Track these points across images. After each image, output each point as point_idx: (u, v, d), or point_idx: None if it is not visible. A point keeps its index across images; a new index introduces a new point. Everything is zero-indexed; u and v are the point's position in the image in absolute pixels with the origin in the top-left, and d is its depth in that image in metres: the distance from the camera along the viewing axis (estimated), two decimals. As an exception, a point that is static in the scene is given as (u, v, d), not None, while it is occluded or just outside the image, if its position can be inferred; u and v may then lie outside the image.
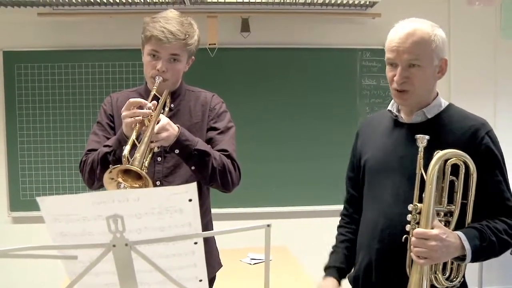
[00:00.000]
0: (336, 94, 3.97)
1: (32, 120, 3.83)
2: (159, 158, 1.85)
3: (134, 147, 1.60)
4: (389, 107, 1.70)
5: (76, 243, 1.08)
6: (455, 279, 1.52)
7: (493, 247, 1.47)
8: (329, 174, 3.85)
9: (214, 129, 1.88)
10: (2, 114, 3.82)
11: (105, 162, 1.73)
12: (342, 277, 1.76)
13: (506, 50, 4.04)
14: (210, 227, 1.98)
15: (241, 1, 3.72)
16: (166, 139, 1.66)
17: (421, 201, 1.48)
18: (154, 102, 1.71)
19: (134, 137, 1.61)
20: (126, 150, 1.57)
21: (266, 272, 1.14)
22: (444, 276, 1.51)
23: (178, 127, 1.71)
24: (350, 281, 1.76)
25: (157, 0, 3.67)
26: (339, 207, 1.92)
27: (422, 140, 1.49)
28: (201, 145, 1.74)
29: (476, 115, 1.61)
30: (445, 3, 4.01)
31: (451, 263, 1.51)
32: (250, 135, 3.76)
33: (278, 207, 3.91)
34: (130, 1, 3.67)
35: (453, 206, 1.50)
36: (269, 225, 1.09)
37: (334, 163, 3.59)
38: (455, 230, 1.47)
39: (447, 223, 1.49)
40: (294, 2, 3.76)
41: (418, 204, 1.48)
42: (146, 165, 1.59)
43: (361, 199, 1.78)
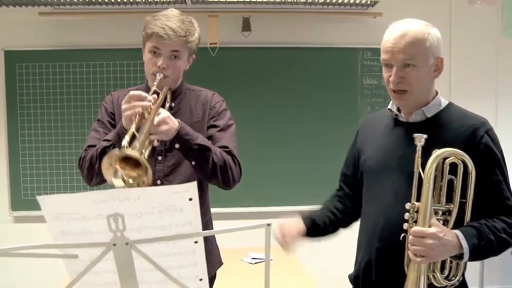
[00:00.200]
0: (337, 93, 3.96)
1: (33, 119, 3.83)
2: (160, 157, 1.84)
3: (133, 140, 1.56)
4: (389, 106, 1.70)
5: (76, 242, 1.08)
6: (454, 278, 1.52)
7: (491, 246, 1.46)
8: (329, 174, 3.78)
9: (215, 126, 1.88)
10: (4, 113, 3.83)
11: (104, 156, 1.72)
12: (311, 230, 1.74)
13: (507, 50, 4.03)
14: (210, 226, 1.98)
15: (242, 0, 3.72)
16: (166, 133, 1.65)
17: (419, 199, 1.48)
18: (155, 95, 1.71)
19: (133, 129, 1.59)
20: (125, 140, 1.53)
21: (266, 271, 1.14)
22: (443, 275, 1.51)
23: (179, 122, 1.71)
24: (350, 280, 1.76)
25: (158, -1, 3.68)
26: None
27: (420, 139, 1.49)
28: (201, 140, 1.74)
29: (476, 114, 1.61)
30: (446, 2, 4.00)
31: (450, 262, 1.51)
32: (250, 135, 3.76)
33: (279, 207, 3.91)
34: (131, 0, 3.67)
35: (451, 205, 1.50)
36: (269, 224, 1.10)
37: (334, 163, 3.54)
38: (454, 229, 1.47)
39: (446, 222, 1.49)
40: (295, 1, 3.76)
41: (415, 202, 1.48)
42: (145, 156, 1.56)
43: (355, 197, 1.79)
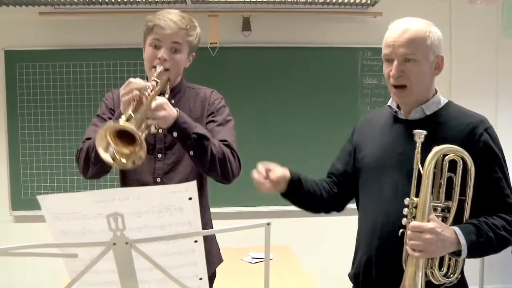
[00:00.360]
0: (337, 93, 3.96)
1: (33, 119, 3.83)
2: (160, 155, 1.84)
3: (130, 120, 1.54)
4: (388, 103, 1.70)
5: (76, 242, 1.08)
6: (452, 275, 1.51)
7: (490, 243, 1.46)
8: (330, 173, 3.84)
9: (213, 121, 1.88)
10: (4, 113, 3.83)
11: None
12: (293, 184, 1.76)
13: (508, 49, 4.03)
14: (209, 225, 1.98)
15: (242, 0, 3.72)
16: (164, 119, 1.65)
17: (418, 196, 1.48)
18: (153, 82, 1.71)
19: (130, 111, 1.57)
20: (122, 120, 1.50)
21: (266, 270, 1.14)
22: (441, 272, 1.50)
23: (177, 110, 1.70)
24: (350, 278, 1.76)
25: (158, -1, 3.68)
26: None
27: (420, 135, 1.49)
28: (200, 129, 1.73)
29: (475, 112, 1.61)
30: (446, 2, 4.00)
31: (449, 259, 1.51)
32: (250, 134, 3.76)
33: (280, 206, 3.90)
34: (131, 0, 3.67)
35: (450, 203, 1.50)
36: (269, 223, 1.10)
37: (335, 162, 3.59)
38: (453, 226, 1.47)
39: (445, 219, 1.49)
40: (295, 1, 3.76)
41: (414, 198, 1.48)
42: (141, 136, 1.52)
43: (339, 192, 1.80)
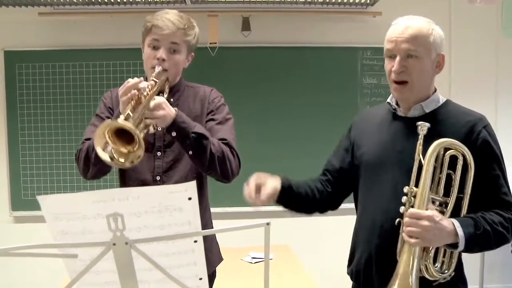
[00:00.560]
0: (337, 92, 3.96)
1: (33, 119, 3.84)
2: (159, 153, 1.84)
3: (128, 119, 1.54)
4: (388, 100, 1.70)
5: (76, 242, 1.08)
6: (446, 271, 1.51)
7: (488, 237, 1.46)
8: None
9: (213, 120, 1.88)
10: (3, 113, 3.83)
11: None
12: (285, 193, 1.73)
13: (508, 49, 4.03)
14: (209, 225, 1.98)
15: (241, 0, 3.72)
16: (163, 118, 1.65)
17: (417, 186, 1.48)
18: (152, 82, 1.71)
19: (129, 110, 1.58)
20: (120, 119, 1.51)
21: (266, 269, 1.14)
22: (435, 267, 1.50)
23: (176, 110, 1.70)
24: (351, 275, 1.75)
25: (158, -1, 3.68)
26: (340, 206, 1.91)
27: (423, 127, 1.50)
28: (199, 128, 1.73)
29: (473, 111, 1.61)
30: (446, 2, 4.00)
31: (443, 255, 1.51)
32: (250, 134, 3.76)
33: (279, 206, 3.90)
34: (131, 0, 3.67)
35: (448, 198, 1.50)
36: (268, 223, 1.10)
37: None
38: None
39: (442, 214, 1.48)
40: (295, 1, 3.76)
41: (414, 187, 1.48)
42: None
43: (335, 189, 1.78)
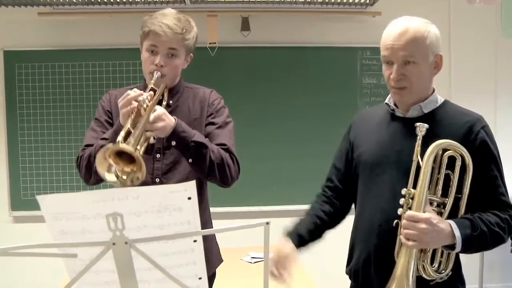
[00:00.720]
0: (336, 92, 3.96)
1: (32, 119, 3.83)
2: (158, 155, 1.84)
3: (129, 136, 1.55)
4: (386, 100, 1.70)
5: (76, 241, 1.08)
6: (443, 271, 1.51)
7: (484, 238, 1.46)
8: (329, 173, 3.84)
9: (212, 124, 1.88)
10: (3, 113, 3.83)
11: None
12: (300, 245, 1.72)
13: (507, 49, 4.03)
14: (209, 225, 1.98)
15: (241, 0, 3.72)
16: (162, 129, 1.66)
17: (415, 188, 1.48)
18: (151, 92, 1.71)
19: (129, 125, 1.58)
20: (120, 136, 1.53)
21: (265, 269, 1.15)
22: (432, 267, 1.50)
23: (175, 119, 1.71)
24: (349, 274, 1.76)
25: (157, -1, 3.68)
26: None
27: (422, 128, 1.50)
28: (198, 137, 1.74)
29: (471, 111, 1.61)
30: (445, 2, 4.00)
31: (441, 255, 1.51)
32: (250, 134, 3.77)
33: (279, 206, 3.91)
34: (130, 0, 3.67)
35: (446, 199, 1.50)
36: (268, 222, 1.09)
37: (334, 162, 3.59)
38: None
39: (440, 215, 1.49)
40: (294, 1, 3.76)
41: (411, 189, 1.49)
42: (140, 152, 1.55)
43: (344, 191, 1.78)
